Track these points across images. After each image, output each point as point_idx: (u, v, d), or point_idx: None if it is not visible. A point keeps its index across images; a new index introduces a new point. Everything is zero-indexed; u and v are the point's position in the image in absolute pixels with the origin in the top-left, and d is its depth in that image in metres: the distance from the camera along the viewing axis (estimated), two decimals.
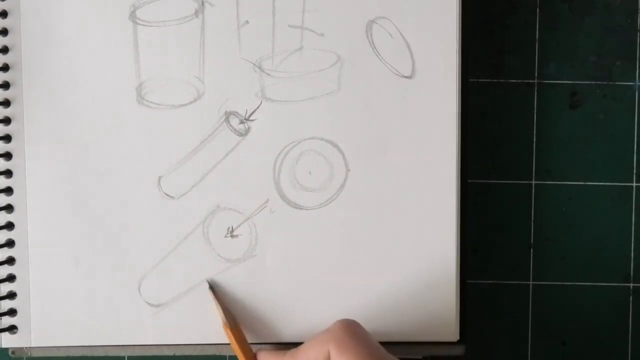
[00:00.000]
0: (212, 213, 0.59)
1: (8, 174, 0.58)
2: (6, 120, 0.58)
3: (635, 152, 0.61)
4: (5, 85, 0.58)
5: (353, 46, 0.58)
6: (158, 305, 0.59)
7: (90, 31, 0.58)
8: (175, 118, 0.58)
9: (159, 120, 0.58)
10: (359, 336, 0.53)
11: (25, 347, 0.59)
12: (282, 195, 0.59)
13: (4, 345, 0.59)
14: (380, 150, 0.58)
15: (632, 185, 0.61)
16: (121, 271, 0.58)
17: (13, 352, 0.59)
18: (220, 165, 0.58)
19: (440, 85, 0.58)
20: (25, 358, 0.60)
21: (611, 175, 0.61)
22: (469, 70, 0.59)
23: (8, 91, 0.58)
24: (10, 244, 0.58)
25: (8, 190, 0.58)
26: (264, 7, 0.58)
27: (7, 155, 0.58)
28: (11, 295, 0.59)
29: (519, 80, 0.61)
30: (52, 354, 0.59)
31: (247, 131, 0.59)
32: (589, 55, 0.61)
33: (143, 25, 0.58)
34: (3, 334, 0.59)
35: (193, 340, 0.59)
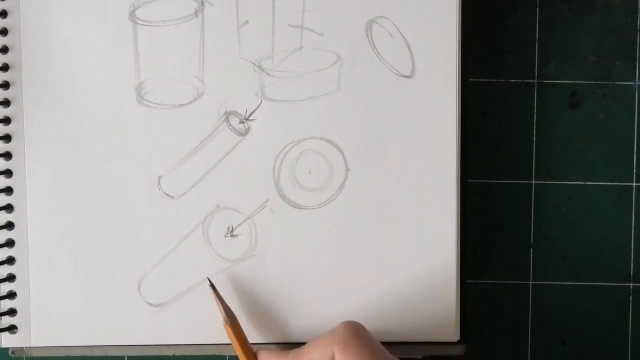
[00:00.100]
0: (212, 213, 0.59)
1: (8, 174, 0.58)
2: (6, 120, 0.58)
3: (635, 152, 0.61)
4: (5, 85, 0.58)
5: (353, 46, 0.58)
6: (158, 305, 0.59)
7: (90, 31, 0.58)
8: (175, 118, 0.58)
9: (159, 120, 0.58)
10: (364, 339, 0.53)
11: (25, 347, 0.59)
12: (282, 195, 0.59)
13: (4, 345, 0.59)
14: (380, 150, 0.58)
15: (632, 185, 0.61)
16: (121, 271, 0.58)
17: (13, 352, 0.59)
18: (220, 165, 0.58)
19: (440, 85, 0.58)
20: (25, 358, 0.59)
21: (611, 175, 0.61)
22: (469, 70, 0.59)
23: (8, 91, 0.58)
24: (10, 244, 0.58)
25: (8, 190, 0.58)
26: (264, 7, 0.58)
27: (7, 155, 0.58)
28: (11, 295, 0.59)
29: (519, 80, 0.61)
30: (52, 354, 0.59)
31: (247, 131, 0.58)
32: (589, 55, 0.61)
33: (143, 25, 0.58)
34: (3, 334, 0.59)
35: (193, 340, 0.59)
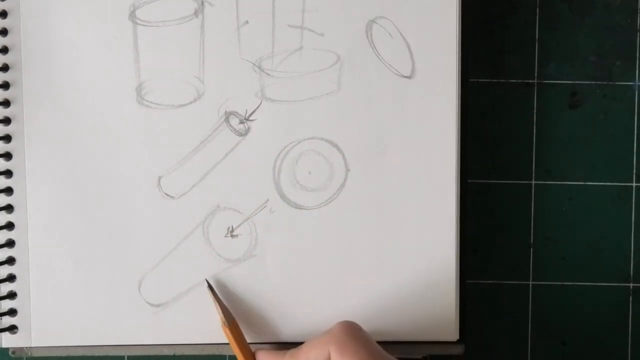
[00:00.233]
0: (212, 213, 0.59)
1: (8, 174, 0.58)
2: (6, 120, 0.58)
3: (635, 152, 0.61)
4: (5, 85, 0.58)
5: (353, 46, 0.58)
6: (158, 305, 0.59)
7: (90, 31, 0.58)
8: (175, 118, 0.58)
9: (159, 120, 0.58)
10: (360, 339, 0.53)
11: (25, 347, 0.59)
12: (282, 195, 0.59)
13: (4, 345, 0.59)
14: (380, 150, 0.58)
15: (632, 185, 0.61)
16: (121, 271, 0.58)
17: (13, 352, 0.59)
18: (220, 165, 0.58)
19: (440, 85, 0.58)
20: (25, 358, 0.60)
21: (611, 175, 0.61)
22: (469, 70, 0.59)
23: (8, 91, 0.58)
24: (10, 244, 0.58)
25: (8, 190, 0.58)
26: (264, 7, 0.58)
27: (7, 155, 0.58)
28: (11, 295, 0.59)
29: (519, 80, 0.61)
30: (52, 354, 0.59)
31: (247, 131, 0.58)
32: (589, 55, 0.61)
33: (143, 25, 0.58)
34: (3, 334, 0.59)
35: (193, 340, 0.59)
